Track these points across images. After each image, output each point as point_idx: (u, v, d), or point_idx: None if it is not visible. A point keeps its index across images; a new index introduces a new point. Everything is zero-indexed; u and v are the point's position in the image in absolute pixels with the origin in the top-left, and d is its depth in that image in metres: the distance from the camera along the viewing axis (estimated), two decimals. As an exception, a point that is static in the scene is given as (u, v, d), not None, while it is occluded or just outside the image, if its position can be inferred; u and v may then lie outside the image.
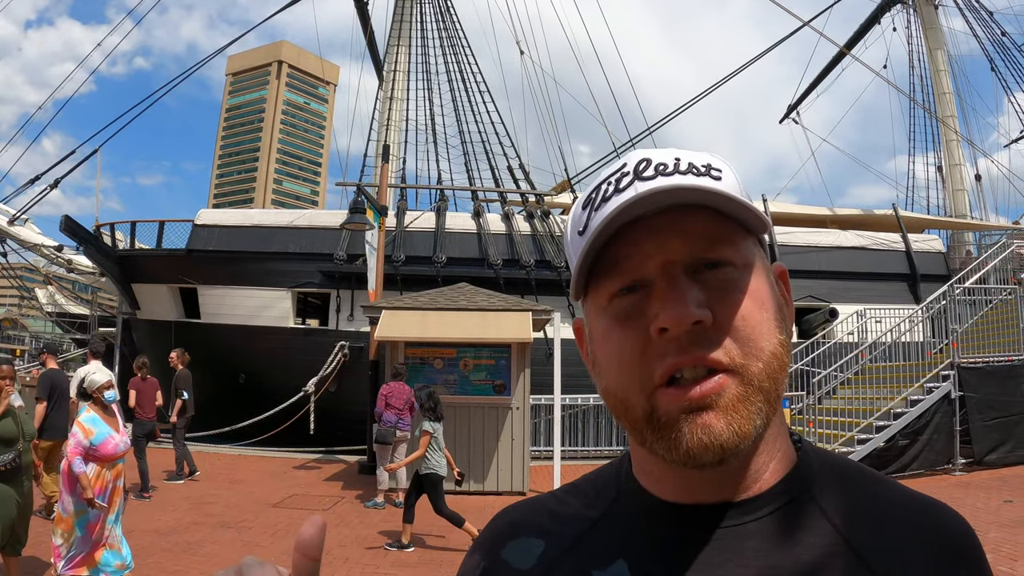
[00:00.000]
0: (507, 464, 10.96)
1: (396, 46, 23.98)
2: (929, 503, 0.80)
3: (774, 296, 0.77)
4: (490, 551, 0.86)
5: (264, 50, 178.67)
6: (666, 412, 0.71)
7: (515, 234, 18.88)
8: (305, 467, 13.29)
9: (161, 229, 19.68)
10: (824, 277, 19.43)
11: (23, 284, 26.48)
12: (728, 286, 0.72)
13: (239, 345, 17.93)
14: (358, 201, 13.30)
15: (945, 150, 26.68)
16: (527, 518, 0.87)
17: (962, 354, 13.01)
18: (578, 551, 0.80)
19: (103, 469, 5.54)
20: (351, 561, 7.15)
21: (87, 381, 5.78)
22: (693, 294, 0.70)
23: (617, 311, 0.74)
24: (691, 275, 0.72)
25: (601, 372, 0.78)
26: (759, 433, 0.71)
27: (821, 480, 0.78)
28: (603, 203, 0.74)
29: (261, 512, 9.30)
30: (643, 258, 0.72)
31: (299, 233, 18.74)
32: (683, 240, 0.72)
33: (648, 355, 0.71)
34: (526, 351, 11.21)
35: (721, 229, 0.73)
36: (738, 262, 0.73)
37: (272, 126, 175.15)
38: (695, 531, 0.75)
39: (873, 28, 27.86)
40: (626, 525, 0.80)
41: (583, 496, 0.87)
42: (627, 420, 0.75)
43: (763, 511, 0.74)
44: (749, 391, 0.70)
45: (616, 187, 0.74)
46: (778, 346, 0.73)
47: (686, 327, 0.69)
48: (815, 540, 0.72)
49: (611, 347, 0.75)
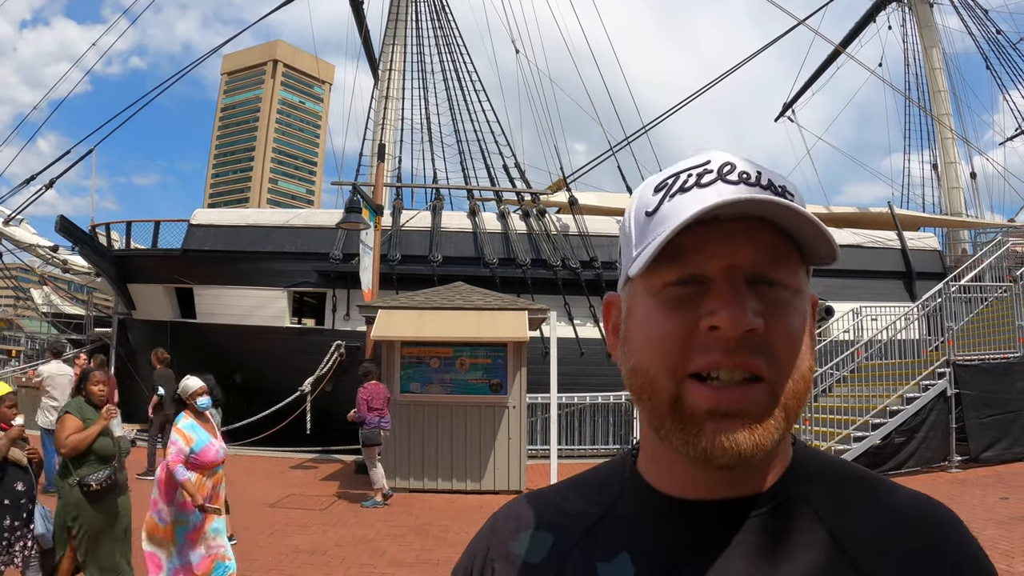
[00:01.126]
0: (504, 463, 10.96)
1: (392, 45, 23.93)
2: (922, 502, 0.81)
3: (810, 325, 0.80)
4: (497, 543, 0.89)
5: (259, 49, 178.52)
6: (692, 405, 0.73)
7: (511, 233, 18.87)
8: (302, 467, 13.28)
9: (157, 229, 19.65)
10: (819, 275, 19.40)
11: (18, 284, 26.39)
12: (780, 305, 0.75)
13: (235, 345, 17.89)
14: (354, 200, 13.29)
15: (940, 148, 26.73)
16: (533, 512, 0.89)
17: (958, 352, 13.05)
18: (584, 544, 0.83)
19: (203, 477, 5.39)
20: (348, 561, 7.15)
21: (181, 387, 5.64)
22: (752, 303, 0.72)
23: (669, 298, 0.76)
24: (750, 285, 0.74)
25: (633, 350, 0.79)
26: (774, 447, 0.74)
27: (814, 479, 0.81)
28: (681, 192, 0.75)
29: (258, 512, 9.29)
30: (708, 256, 0.74)
31: (295, 232, 18.72)
32: (752, 250, 0.74)
33: (690, 346, 0.73)
34: (522, 350, 11.20)
35: (783, 250, 0.76)
36: (791, 285, 0.76)
37: (267, 125, 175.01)
38: (696, 527, 0.77)
39: (868, 26, 27.89)
40: (630, 520, 0.82)
41: (587, 491, 0.89)
42: (650, 403, 0.77)
43: (762, 509, 0.77)
44: (776, 407, 0.73)
45: (698, 181, 0.75)
46: (808, 371, 0.76)
47: (740, 331, 0.71)
48: (806, 538, 0.75)
49: (653, 329, 0.76)
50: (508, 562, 0.86)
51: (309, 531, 8.36)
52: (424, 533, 8.35)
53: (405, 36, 24.33)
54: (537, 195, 20.55)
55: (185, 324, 18.66)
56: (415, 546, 7.83)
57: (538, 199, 20.34)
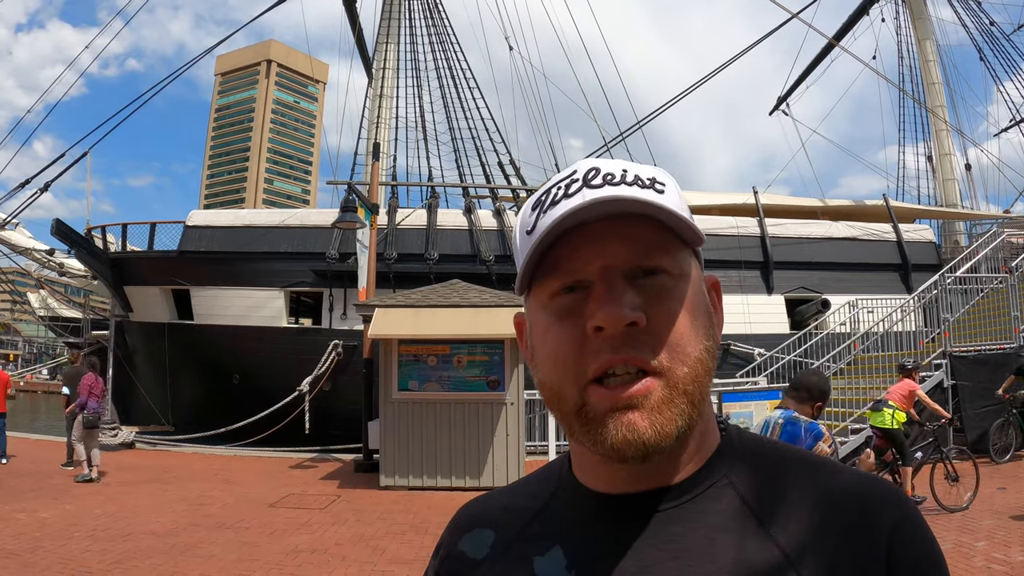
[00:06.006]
0: (502, 460, 10.98)
1: (385, 43, 23.92)
2: (864, 482, 0.80)
3: (704, 305, 0.81)
4: (449, 543, 0.94)
5: (253, 49, 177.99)
6: (595, 408, 0.75)
7: (507, 230, 18.85)
8: (301, 466, 13.29)
9: (152, 231, 19.62)
10: (816, 268, 19.48)
11: (15, 289, 26.36)
12: (662, 292, 0.77)
13: (232, 346, 17.89)
14: (349, 199, 13.29)
15: (935, 140, 26.73)
16: (482, 511, 0.95)
17: (954, 343, 13.09)
18: (521, 539, 0.87)
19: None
20: (348, 559, 7.16)
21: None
22: (628, 297, 0.74)
23: (558, 308, 0.78)
24: (629, 280, 0.76)
25: (539, 365, 0.82)
26: (681, 433, 0.75)
27: (741, 463, 0.82)
28: (552, 207, 0.78)
29: (258, 512, 9.30)
30: (584, 261, 0.76)
31: (291, 232, 18.69)
32: (623, 246, 0.76)
33: (584, 352, 0.75)
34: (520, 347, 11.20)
35: (659, 239, 0.77)
36: (673, 271, 0.78)
37: (262, 125, 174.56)
38: (618, 520, 0.80)
39: (862, 19, 27.88)
40: (562, 515, 0.86)
41: (530, 489, 0.93)
42: (559, 412, 0.80)
43: (683, 498, 0.79)
44: (674, 394, 0.75)
45: (565, 192, 0.77)
46: (704, 352, 0.77)
47: (620, 327, 0.73)
48: (729, 523, 0.77)
49: (550, 342, 0.79)
50: (457, 561, 0.91)
51: (309, 530, 8.37)
52: (424, 531, 8.36)
53: (398, 34, 24.34)
54: (533, 191, 20.50)
55: (182, 326, 18.64)
56: (415, 544, 7.84)
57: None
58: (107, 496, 10.21)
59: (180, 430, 17.74)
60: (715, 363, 0.79)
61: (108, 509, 9.26)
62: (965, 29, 28.88)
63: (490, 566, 0.87)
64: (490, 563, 0.87)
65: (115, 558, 6.99)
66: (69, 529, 8.14)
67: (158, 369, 19.06)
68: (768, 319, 18.54)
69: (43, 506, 9.37)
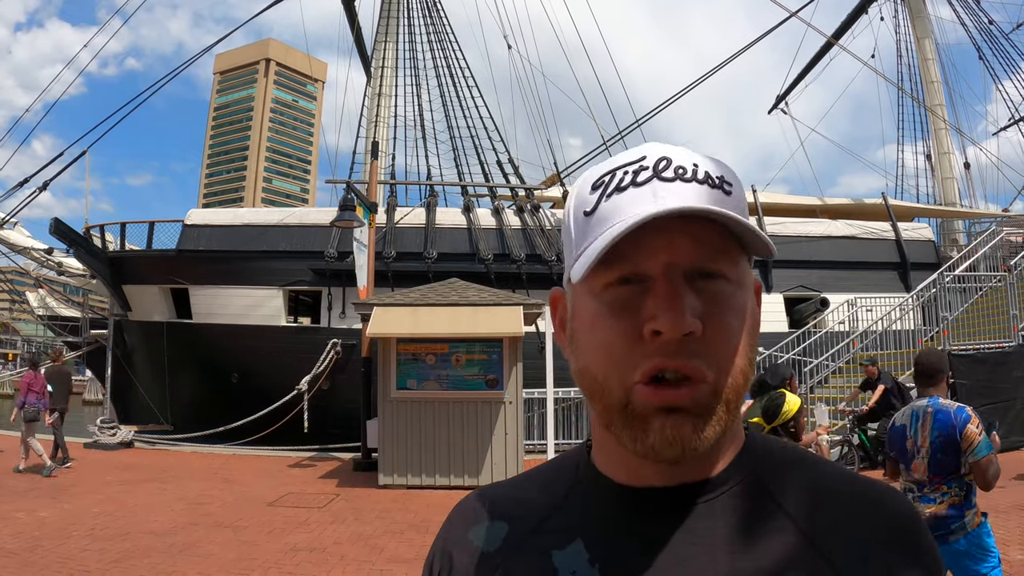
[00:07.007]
0: (501, 458, 10.98)
1: (383, 42, 23.90)
2: (870, 485, 0.83)
3: (754, 315, 0.80)
4: (454, 536, 0.91)
5: (251, 48, 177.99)
6: (641, 406, 0.74)
7: (505, 229, 18.88)
8: (300, 465, 13.29)
9: (151, 230, 19.61)
10: (814, 266, 19.49)
11: (14, 288, 26.31)
12: (719, 300, 0.75)
13: (231, 345, 17.89)
14: (348, 198, 13.28)
15: (934, 139, 26.74)
16: (490, 503, 0.91)
17: (953, 341, 13.10)
18: (540, 533, 0.84)
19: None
20: (347, 558, 7.16)
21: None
22: (690, 302, 0.72)
23: (612, 300, 0.76)
24: (688, 281, 0.74)
25: (581, 352, 0.80)
26: (718, 437, 0.75)
27: (767, 463, 0.83)
28: (617, 192, 0.75)
29: (257, 511, 9.29)
30: (647, 254, 0.73)
31: (289, 231, 18.70)
32: (690, 245, 0.74)
33: (635, 351, 0.74)
34: (518, 345, 11.21)
35: (725, 244, 0.75)
36: (732, 277, 0.76)
37: (261, 124, 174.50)
38: (650, 513, 0.79)
39: (861, 17, 27.87)
40: (584, 508, 0.84)
41: (543, 482, 0.91)
42: (600, 403, 0.78)
43: (713, 493, 0.79)
44: (717, 402, 0.74)
45: (633, 180, 0.75)
46: (747, 364, 0.77)
47: (680, 335, 0.71)
48: (763, 520, 0.77)
49: (600, 334, 0.76)
50: (466, 553, 0.87)
51: (308, 529, 8.37)
52: (423, 529, 8.36)
53: (397, 32, 24.30)
54: (531, 190, 20.55)
55: (181, 325, 18.64)
56: (414, 542, 7.84)
57: (532, 194, 20.35)
58: (106, 495, 10.20)
59: (179, 429, 17.74)
60: (753, 370, 0.79)
61: (107, 508, 9.26)
62: (964, 28, 28.92)
63: (504, 559, 0.84)
64: (504, 556, 0.84)
65: (114, 557, 6.98)
66: (68, 528, 8.14)
67: (157, 368, 19.07)
68: (767, 317, 18.52)
69: (42, 505, 9.37)
